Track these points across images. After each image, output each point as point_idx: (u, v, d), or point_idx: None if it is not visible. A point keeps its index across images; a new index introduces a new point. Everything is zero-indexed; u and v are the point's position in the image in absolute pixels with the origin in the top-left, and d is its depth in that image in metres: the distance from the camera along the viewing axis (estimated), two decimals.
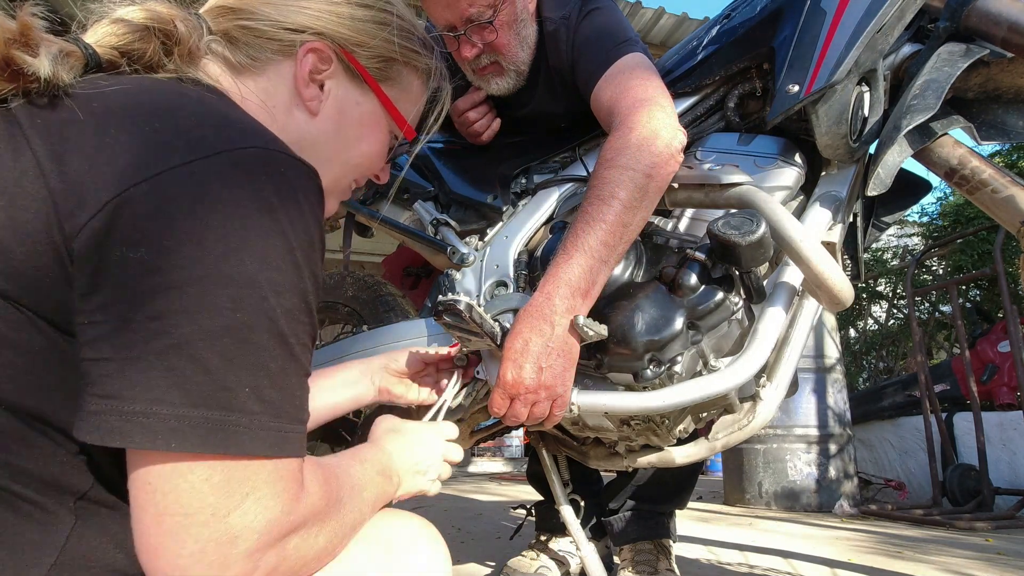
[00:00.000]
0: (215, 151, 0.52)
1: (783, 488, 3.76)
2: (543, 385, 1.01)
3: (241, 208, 0.51)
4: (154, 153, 0.51)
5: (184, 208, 0.50)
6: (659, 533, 1.68)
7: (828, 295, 1.04)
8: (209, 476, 0.48)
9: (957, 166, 1.09)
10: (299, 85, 0.74)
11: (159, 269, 0.48)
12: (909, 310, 4.29)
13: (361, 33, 0.77)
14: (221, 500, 0.48)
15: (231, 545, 0.49)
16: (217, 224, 0.50)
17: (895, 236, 7.97)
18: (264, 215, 0.52)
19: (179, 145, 0.52)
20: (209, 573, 0.48)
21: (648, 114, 1.13)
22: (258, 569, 0.50)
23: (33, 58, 0.55)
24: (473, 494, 4.50)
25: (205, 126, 0.55)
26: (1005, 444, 3.86)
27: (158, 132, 0.53)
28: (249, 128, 0.58)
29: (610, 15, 1.34)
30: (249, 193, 0.52)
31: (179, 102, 0.58)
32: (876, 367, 7.34)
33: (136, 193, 0.49)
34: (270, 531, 0.51)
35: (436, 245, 1.38)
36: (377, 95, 0.80)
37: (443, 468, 0.85)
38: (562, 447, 1.44)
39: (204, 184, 0.51)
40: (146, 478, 0.48)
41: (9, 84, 0.55)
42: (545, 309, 1.01)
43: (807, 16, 1.12)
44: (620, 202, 1.05)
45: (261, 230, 0.52)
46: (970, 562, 2.20)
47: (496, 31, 1.30)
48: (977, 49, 1.06)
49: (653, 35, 4.34)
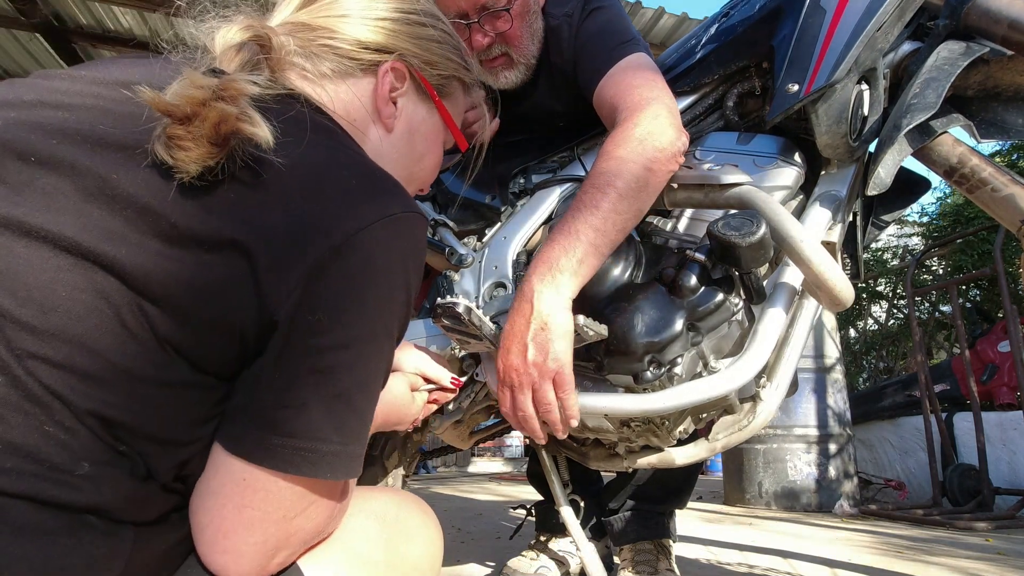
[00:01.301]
0: (371, 221, 0.58)
1: (783, 488, 3.76)
2: (532, 363, 0.97)
3: (391, 276, 0.59)
4: (331, 223, 0.57)
5: (352, 278, 0.56)
6: (659, 533, 1.68)
7: (828, 295, 1.03)
8: (293, 487, 0.57)
9: (957, 165, 1.09)
10: (379, 103, 0.76)
11: (330, 330, 0.56)
12: (909, 310, 4.29)
13: (428, 51, 0.80)
14: (294, 505, 0.58)
15: (285, 540, 0.59)
16: (373, 290, 0.58)
17: (895, 236, 7.97)
18: (399, 274, 0.60)
19: (349, 214, 0.57)
20: (262, 557, 0.57)
21: (653, 112, 1.12)
22: (295, 554, 0.61)
23: (255, 127, 0.56)
24: (473, 494, 4.49)
25: (365, 189, 0.61)
26: (1005, 444, 3.86)
27: (332, 198, 0.59)
28: (388, 186, 0.63)
29: (614, 14, 1.33)
30: (396, 259, 0.60)
31: (337, 157, 0.63)
32: (876, 367, 7.35)
33: (321, 263, 0.55)
34: (316, 532, 0.62)
35: (434, 246, 1.38)
36: (440, 111, 0.84)
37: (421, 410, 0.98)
38: (562, 448, 1.44)
39: (368, 254, 0.57)
40: (242, 475, 0.56)
41: (220, 155, 0.55)
42: (524, 289, 1.00)
43: (807, 14, 1.12)
44: (616, 191, 1.04)
45: (397, 288, 0.60)
46: (970, 562, 2.19)
47: (511, 20, 1.28)
48: (977, 47, 1.05)
49: (653, 35, 4.33)
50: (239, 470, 0.56)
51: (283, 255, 0.55)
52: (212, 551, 0.57)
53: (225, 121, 0.55)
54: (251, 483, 0.56)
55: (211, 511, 0.57)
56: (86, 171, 0.55)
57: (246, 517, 0.56)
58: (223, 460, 0.56)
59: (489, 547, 2.34)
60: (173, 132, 0.54)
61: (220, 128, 0.55)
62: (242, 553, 0.56)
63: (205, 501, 0.57)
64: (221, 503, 0.56)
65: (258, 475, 0.55)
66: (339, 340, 0.56)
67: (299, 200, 0.57)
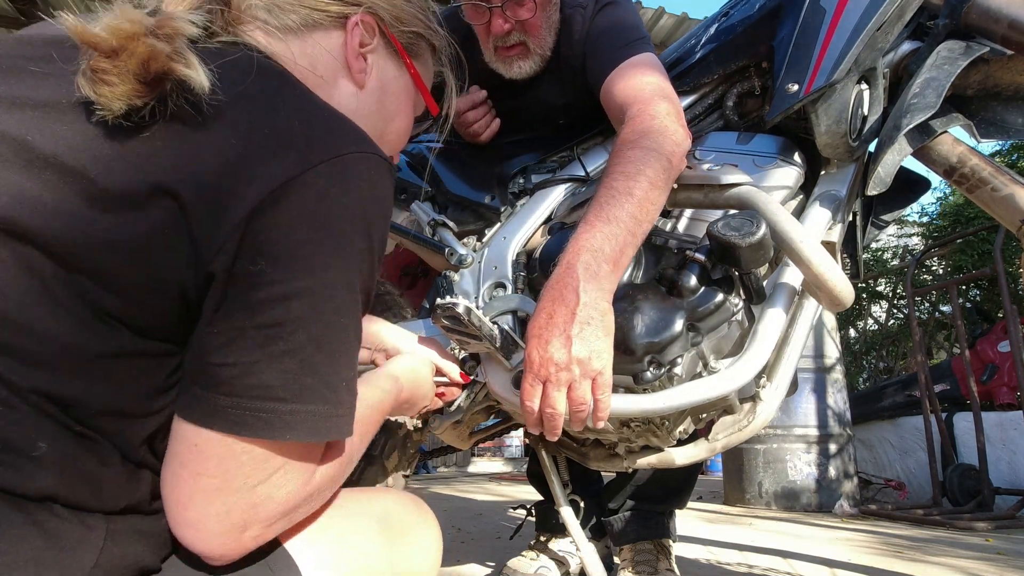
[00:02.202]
0: (322, 159, 0.54)
1: (783, 488, 3.76)
2: (575, 359, 0.88)
3: (343, 221, 0.55)
4: (271, 164, 0.53)
5: (297, 223, 0.52)
6: (659, 533, 1.68)
7: (828, 295, 1.03)
8: (251, 451, 0.52)
9: (956, 164, 1.09)
10: (349, 56, 0.74)
11: (275, 281, 0.51)
12: (909, 310, 4.28)
13: (397, 7, 0.78)
14: (254, 472, 0.53)
15: (252, 511, 0.53)
16: (325, 237, 0.53)
17: (895, 236, 7.97)
18: (355, 221, 0.56)
19: (291, 154, 0.53)
20: (228, 530, 0.53)
21: (666, 108, 1.13)
22: (271, 530, 0.56)
23: (189, 69, 0.53)
24: (473, 494, 4.49)
25: (312, 128, 0.56)
26: (1005, 444, 3.86)
27: (271, 138, 0.54)
28: (343, 127, 0.59)
29: (626, 10, 1.34)
30: (351, 202, 0.55)
31: (281, 98, 0.59)
32: (876, 367, 7.34)
33: (260, 206, 0.51)
34: (291, 503, 0.56)
35: (434, 246, 1.37)
36: (409, 70, 0.81)
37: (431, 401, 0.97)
38: (561, 448, 1.44)
39: (314, 197, 0.53)
40: (194, 440, 0.52)
41: (150, 95, 0.52)
42: (567, 278, 0.92)
43: (806, 14, 1.12)
44: (647, 179, 1.02)
45: (354, 236, 0.55)
46: (970, 562, 2.19)
47: (535, 8, 1.28)
48: (977, 47, 1.05)
49: (653, 35, 4.33)
50: (191, 435, 0.52)
51: (217, 200, 0.51)
52: (177, 525, 0.53)
53: (155, 58, 0.51)
54: (203, 448, 0.52)
55: (169, 482, 0.53)
56: (0, 136, 0.52)
57: (203, 485, 0.52)
58: (177, 427, 0.53)
59: (489, 547, 2.34)
60: (98, 65, 0.51)
61: (149, 65, 0.51)
62: (205, 526, 0.52)
63: (166, 472, 0.54)
64: (178, 471, 0.53)
65: (210, 438, 0.51)
66: (285, 292, 0.51)
67: (235, 142, 0.53)
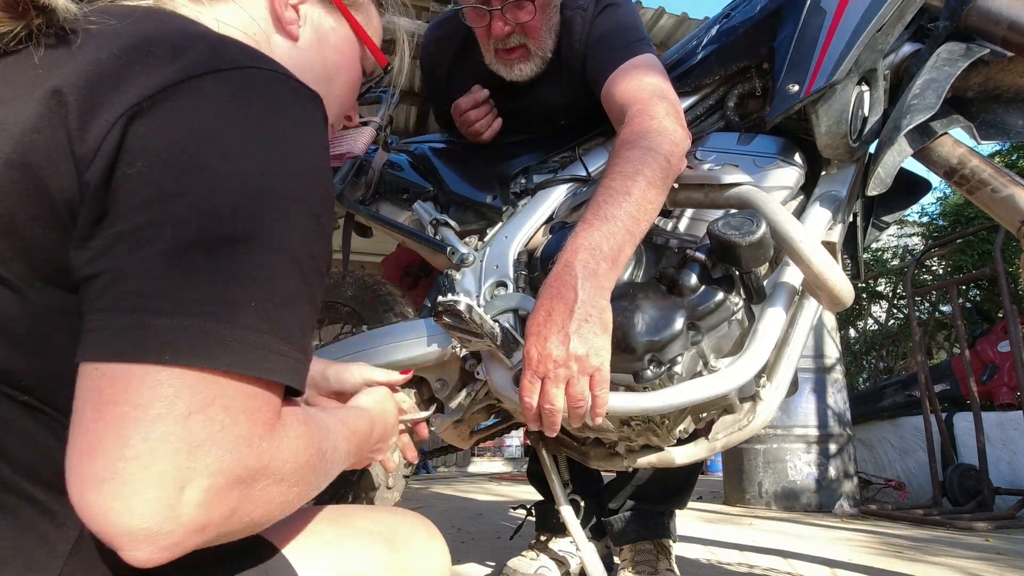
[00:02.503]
0: (219, 68, 0.49)
1: (783, 488, 3.76)
2: (573, 355, 0.90)
3: (241, 127, 0.48)
4: (153, 70, 0.48)
5: (181, 126, 0.46)
6: (659, 533, 1.68)
7: (828, 295, 1.04)
8: (169, 373, 0.42)
9: (957, 165, 1.09)
10: (277, 8, 0.70)
11: (154, 182, 0.44)
12: (909, 310, 4.29)
13: None
14: (180, 399, 0.41)
15: (188, 456, 0.40)
16: (214, 141, 0.47)
17: (895, 236, 7.97)
18: (271, 123, 0.49)
19: (180, 66, 0.48)
20: (156, 484, 0.39)
21: (666, 109, 1.15)
22: (221, 501, 0.42)
23: None
24: (473, 494, 4.50)
25: (201, 45, 0.51)
26: (1005, 444, 3.86)
27: (157, 47, 0.50)
28: (246, 49, 0.55)
29: (626, 11, 1.35)
30: (251, 112, 0.49)
31: (171, 26, 0.55)
32: (876, 367, 7.34)
33: (139, 112, 0.46)
34: (240, 451, 0.43)
35: (435, 245, 1.38)
36: (348, 20, 0.78)
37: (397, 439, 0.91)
38: (562, 447, 1.44)
39: (206, 97, 0.48)
40: (97, 371, 0.42)
41: (19, 22, 0.50)
42: (565, 275, 0.94)
43: (807, 15, 1.12)
44: (645, 178, 1.03)
45: (267, 136, 0.49)
46: (970, 562, 2.20)
47: (535, 11, 1.28)
48: (977, 48, 1.05)
49: (653, 35, 4.34)
50: (92, 368, 0.42)
51: (94, 101, 0.46)
52: (83, 490, 0.40)
53: None
54: (107, 374, 0.42)
55: (71, 434, 0.42)
56: None
57: (112, 415, 0.40)
58: (78, 370, 0.44)
59: (489, 547, 2.34)
60: None
61: None
62: (123, 480, 0.39)
63: (70, 428, 0.43)
64: (80, 414, 0.42)
65: (116, 366, 0.42)
66: (163, 191, 0.45)
67: (117, 52, 0.49)
